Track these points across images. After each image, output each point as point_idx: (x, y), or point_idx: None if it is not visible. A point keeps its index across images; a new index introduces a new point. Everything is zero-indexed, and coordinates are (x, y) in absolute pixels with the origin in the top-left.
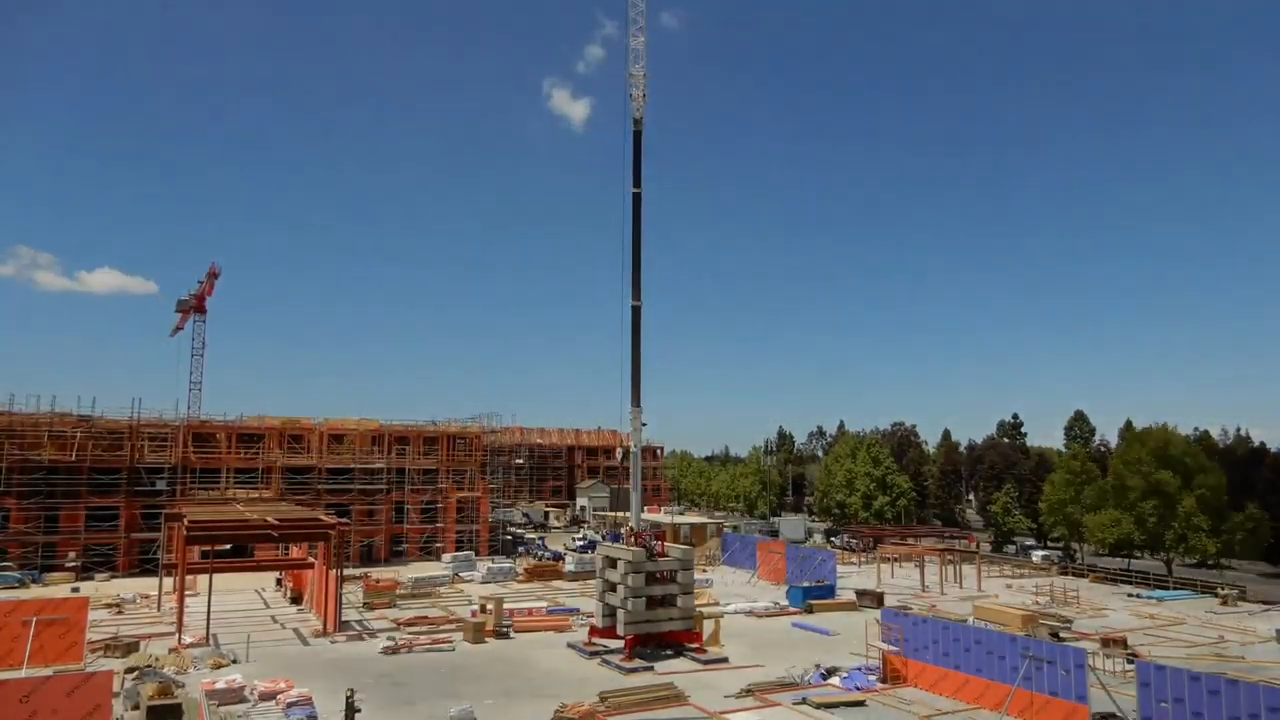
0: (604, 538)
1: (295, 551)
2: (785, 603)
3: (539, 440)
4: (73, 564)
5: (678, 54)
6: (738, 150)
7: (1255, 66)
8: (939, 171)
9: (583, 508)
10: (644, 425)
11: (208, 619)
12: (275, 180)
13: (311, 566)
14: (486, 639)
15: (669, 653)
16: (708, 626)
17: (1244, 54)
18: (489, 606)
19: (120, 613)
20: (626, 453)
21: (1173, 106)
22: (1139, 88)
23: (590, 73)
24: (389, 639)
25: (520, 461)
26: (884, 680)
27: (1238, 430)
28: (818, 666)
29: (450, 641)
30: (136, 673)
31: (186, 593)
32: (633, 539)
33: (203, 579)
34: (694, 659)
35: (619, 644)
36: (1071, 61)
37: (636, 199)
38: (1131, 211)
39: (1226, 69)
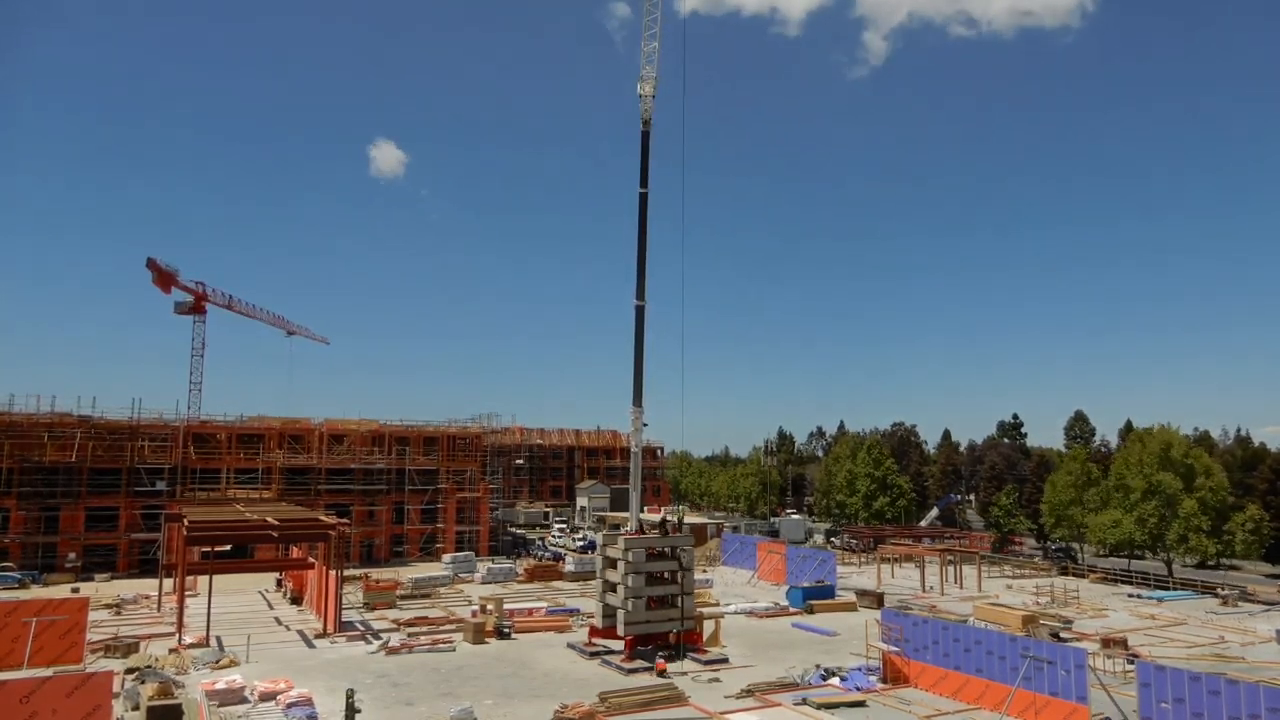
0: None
1: (295, 552)
2: (785, 603)
3: (539, 440)
4: (73, 564)
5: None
6: (737, 150)
7: (1257, 64)
8: (939, 171)
9: (583, 508)
10: (645, 425)
11: (208, 619)
12: (275, 179)
13: (312, 567)
14: (487, 639)
15: (669, 653)
16: (708, 627)
17: (1243, 50)
18: (489, 607)
19: (120, 613)
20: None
21: (1172, 105)
22: (1137, 83)
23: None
24: (389, 639)
25: (520, 462)
26: (884, 680)
27: (1238, 430)
28: (818, 667)
29: (450, 642)
30: (136, 673)
31: (187, 593)
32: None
33: (203, 579)
34: (694, 659)
35: (619, 644)
36: (1071, 59)
37: (643, 200)
38: (1132, 211)
39: (1225, 63)
